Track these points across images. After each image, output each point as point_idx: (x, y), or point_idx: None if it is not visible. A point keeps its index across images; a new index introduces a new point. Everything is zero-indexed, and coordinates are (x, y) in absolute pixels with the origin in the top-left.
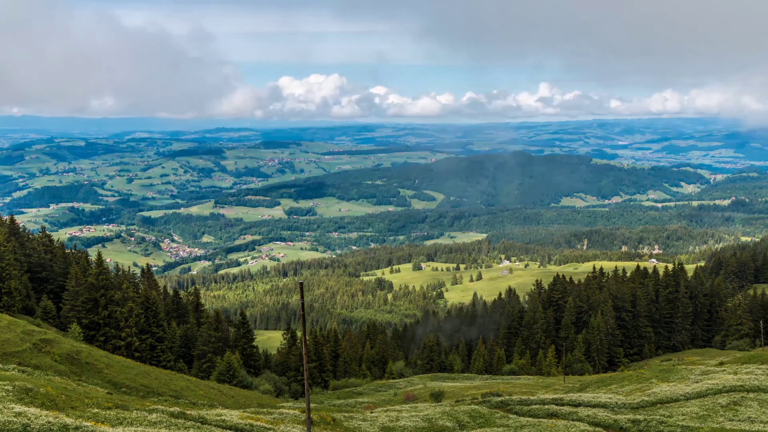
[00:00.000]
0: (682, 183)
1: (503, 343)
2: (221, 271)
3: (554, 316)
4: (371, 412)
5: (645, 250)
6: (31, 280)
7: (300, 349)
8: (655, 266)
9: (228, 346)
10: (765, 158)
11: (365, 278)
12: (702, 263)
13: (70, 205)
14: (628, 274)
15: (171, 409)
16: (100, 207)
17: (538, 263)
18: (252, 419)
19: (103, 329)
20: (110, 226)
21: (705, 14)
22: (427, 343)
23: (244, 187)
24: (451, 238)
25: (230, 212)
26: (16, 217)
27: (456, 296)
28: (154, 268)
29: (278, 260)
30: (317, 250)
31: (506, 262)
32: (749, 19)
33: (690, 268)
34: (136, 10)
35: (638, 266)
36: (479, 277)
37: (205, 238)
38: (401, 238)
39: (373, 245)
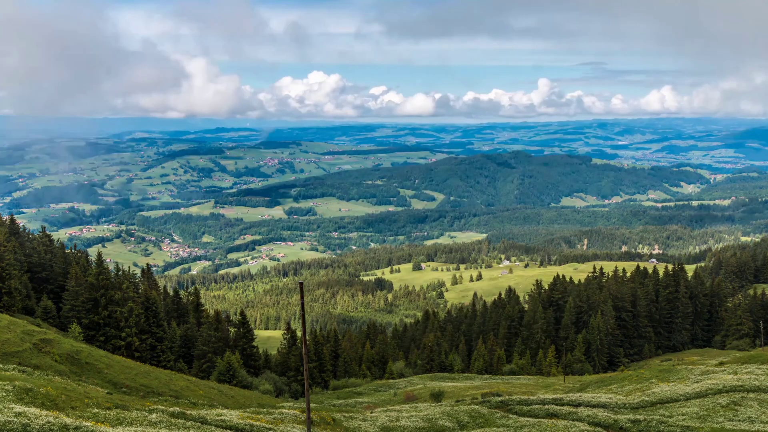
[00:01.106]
0: (682, 183)
1: (503, 343)
2: (221, 271)
3: (554, 316)
4: (371, 412)
5: (645, 250)
6: (31, 280)
7: (300, 349)
8: (655, 266)
9: (228, 346)
10: (765, 158)
11: (365, 278)
12: (702, 263)
13: (70, 205)
14: (628, 274)
15: (171, 409)
16: (100, 207)
17: (538, 263)
18: (252, 419)
19: (103, 329)
20: (110, 226)
21: (706, 12)
22: (427, 343)
23: (244, 187)
24: (451, 238)
25: (230, 212)
26: (16, 217)
27: (456, 296)
28: (154, 268)
29: (278, 260)
30: (317, 250)
31: (506, 262)
32: (750, 18)
33: (690, 268)
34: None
35: (638, 266)
36: (479, 277)
37: (205, 238)
38: (401, 238)
39: (373, 245)
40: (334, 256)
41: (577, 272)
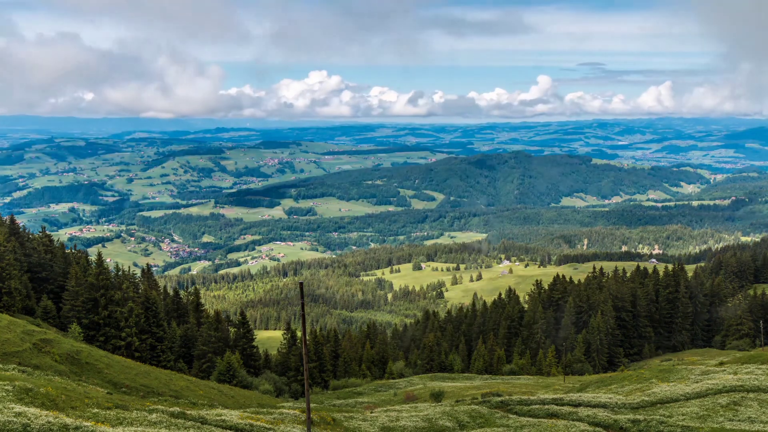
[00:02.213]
0: (682, 183)
1: (503, 343)
2: (221, 271)
3: (554, 316)
4: (371, 412)
5: (645, 250)
6: (31, 280)
7: (300, 349)
8: (655, 266)
9: (228, 346)
10: (765, 158)
11: (365, 278)
12: (702, 263)
13: (70, 205)
14: (628, 274)
15: (171, 409)
16: (100, 207)
17: (538, 263)
18: (252, 419)
19: (103, 329)
20: (110, 226)
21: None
22: (427, 343)
23: (244, 187)
24: (451, 238)
25: (230, 212)
26: (16, 217)
27: (456, 296)
28: (154, 268)
29: (278, 260)
30: (317, 250)
31: (506, 262)
32: (751, 17)
33: (690, 268)
34: None
35: (638, 266)
36: (479, 277)
37: (205, 238)
38: (401, 238)
39: (373, 245)
40: (334, 256)
41: (577, 272)
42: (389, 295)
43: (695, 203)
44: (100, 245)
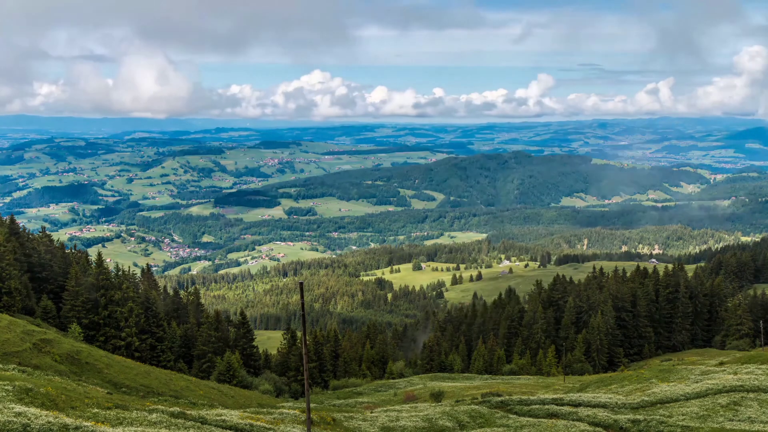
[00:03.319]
0: (682, 183)
1: (503, 343)
2: (221, 271)
3: (554, 316)
4: (371, 412)
5: (645, 250)
6: (31, 280)
7: (300, 349)
8: (655, 266)
9: (228, 346)
10: (765, 158)
11: (365, 278)
12: (702, 263)
13: (70, 205)
14: (628, 274)
15: (171, 409)
16: (100, 207)
17: (538, 263)
18: (252, 419)
19: (103, 329)
20: (110, 226)
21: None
22: (427, 343)
23: (244, 187)
24: (451, 238)
25: (230, 212)
26: (16, 217)
27: (456, 296)
28: (154, 268)
29: (278, 260)
30: (317, 250)
31: (506, 262)
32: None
33: (690, 268)
34: None
35: (638, 266)
36: (479, 277)
37: (205, 238)
38: (401, 238)
39: (373, 245)
40: (334, 256)
41: (577, 272)
42: (389, 295)
43: (695, 203)
44: (100, 245)
